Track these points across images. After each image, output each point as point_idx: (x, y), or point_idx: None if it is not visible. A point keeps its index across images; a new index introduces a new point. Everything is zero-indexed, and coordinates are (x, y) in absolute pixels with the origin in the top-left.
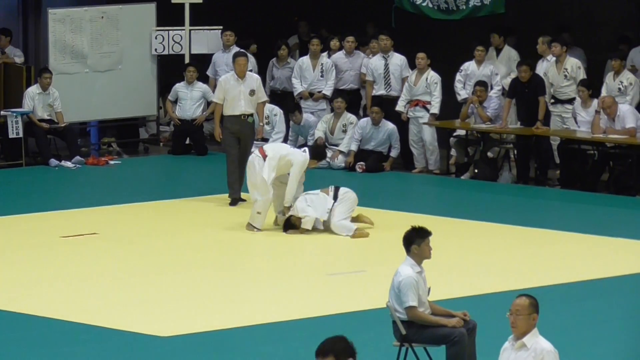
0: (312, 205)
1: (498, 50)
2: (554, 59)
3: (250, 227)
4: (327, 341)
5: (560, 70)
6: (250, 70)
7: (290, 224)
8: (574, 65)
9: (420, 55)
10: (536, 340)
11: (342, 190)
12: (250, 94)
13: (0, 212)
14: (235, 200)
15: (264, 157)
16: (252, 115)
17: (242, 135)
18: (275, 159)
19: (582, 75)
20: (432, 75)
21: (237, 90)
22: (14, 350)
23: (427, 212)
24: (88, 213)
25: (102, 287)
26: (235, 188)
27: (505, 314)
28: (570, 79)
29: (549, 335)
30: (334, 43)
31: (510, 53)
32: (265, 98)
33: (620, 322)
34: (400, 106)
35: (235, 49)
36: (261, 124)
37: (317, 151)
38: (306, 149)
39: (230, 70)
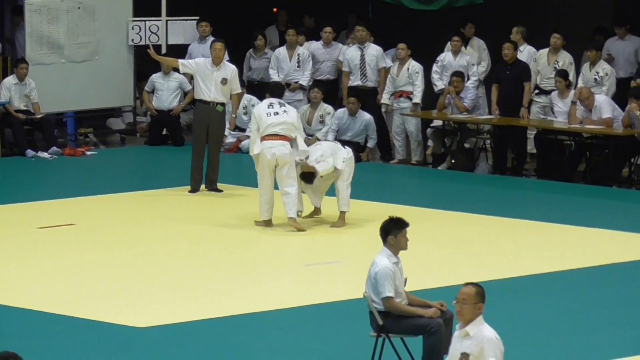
0: (327, 154)
1: (466, 40)
2: (546, 49)
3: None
4: None
5: (552, 61)
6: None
7: (306, 175)
8: (567, 60)
9: (401, 46)
10: (479, 329)
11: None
12: (222, 82)
13: None
14: (195, 191)
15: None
16: (222, 104)
17: (211, 124)
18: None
19: (572, 72)
20: (413, 65)
21: (210, 76)
22: None
23: (404, 203)
24: (65, 204)
25: (78, 278)
26: (197, 179)
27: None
28: None
29: (525, 326)
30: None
31: (478, 42)
32: (240, 90)
33: (595, 312)
34: (384, 99)
35: (211, 39)
36: (234, 115)
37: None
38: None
39: None
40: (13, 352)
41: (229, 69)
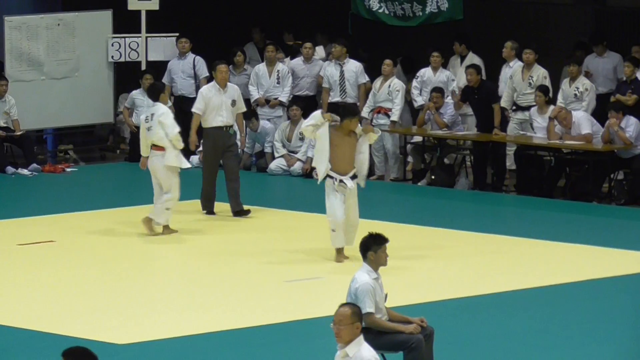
0: None
1: (462, 58)
2: (522, 64)
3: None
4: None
5: (526, 77)
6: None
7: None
8: (540, 74)
9: (387, 62)
10: (358, 349)
11: None
12: (232, 104)
13: None
14: (211, 212)
15: None
16: (232, 126)
17: (226, 147)
18: None
19: (548, 85)
20: (395, 83)
21: (219, 100)
22: None
23: (384, 219)
24: (45, 221)
25: (58, 295)
26: (210, 202)
27: (462, 319)
28: (534, 87)
29: (505, 342)
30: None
31: (473, 60)
32: (245, 109)
33: (576, 328)
34: (365, 113)
35: (190, 55)
36: (243, 134)
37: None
38: None
39: (187, 78)
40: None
41: (234, 89)
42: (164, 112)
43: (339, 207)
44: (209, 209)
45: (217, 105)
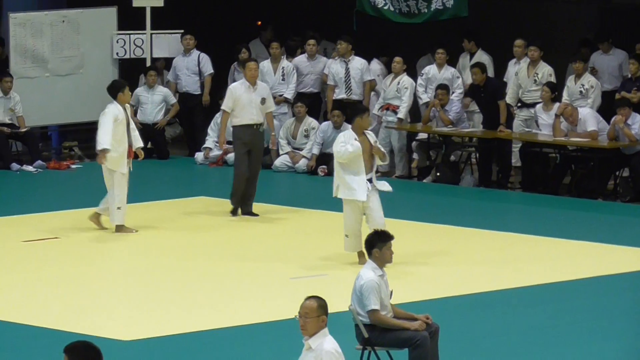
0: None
1: (472, 55)
2: (528, 61)
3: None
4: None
5: (532, 74)
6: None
7: None
8: (546, 72)
9: (397, 59)
10: (321, 342)
11: None
12: (262, 102)
13: None
14: (238, 212)
15: None
16: (262, 124)
17: (254, 146)
18: None
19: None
20: (404, 81)
21: (248, 98)
22: None
23: (389, 216)
24: (49, 217)
25: (62, 292)
26: (246, 201)
27: (467, 316)
28: (539, 84)
29: (510, 338)
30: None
31: (482, 57)
32: (274, 107)
33: (581, 324)
34: (375, 109)
35: (195, 52)
36: (273, 133)
37: None
38: None
39: (192, 75)
40: (84, 341)
41: (264, 87)
42: (104, 112)
43: (351, 213)
44: (240, 208)
45: (246, 103)
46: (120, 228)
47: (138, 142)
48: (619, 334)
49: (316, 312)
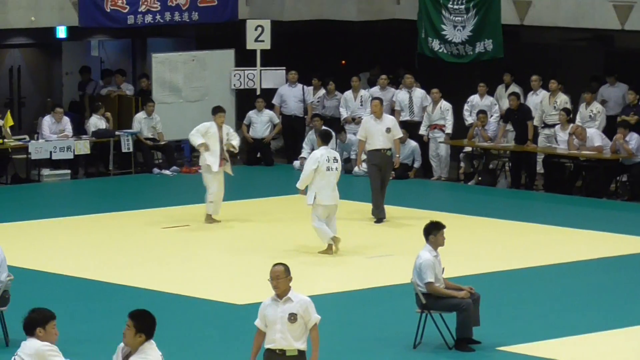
0: None
1: (507, 86)
2: (548, 93)
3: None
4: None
5: (552, 102)
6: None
7: None
8: (563, 100)
9: (434, 90)
10: (296, 295)
11: None
12: (387, 131)
13: (115, 209)
14: (380, 220)
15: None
16: (390, 149)
17: (383, 166)
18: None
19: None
20: (445, 104)
21: (376, 128)
22: (108, 318)
23: (441, 210)
24: (183, 210)
25: (197, 265)
26: (380, 209)
27: (502, 287)
28: (557, 109)
29: (535, 306)
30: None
31: (514, 88)
32: (401, 135)
33: (589, 295)
34: (422, 130)
35: (298, 84)
36: (398, 155)
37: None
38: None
39: (298, 102)
40: (145, 310)
41: (389, 119)
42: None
43: None
44: (377, 217)
45: (374, 132)
46: (208, 217)
47: (233, 142)
48: (618, 302)
49: (284, 274)
